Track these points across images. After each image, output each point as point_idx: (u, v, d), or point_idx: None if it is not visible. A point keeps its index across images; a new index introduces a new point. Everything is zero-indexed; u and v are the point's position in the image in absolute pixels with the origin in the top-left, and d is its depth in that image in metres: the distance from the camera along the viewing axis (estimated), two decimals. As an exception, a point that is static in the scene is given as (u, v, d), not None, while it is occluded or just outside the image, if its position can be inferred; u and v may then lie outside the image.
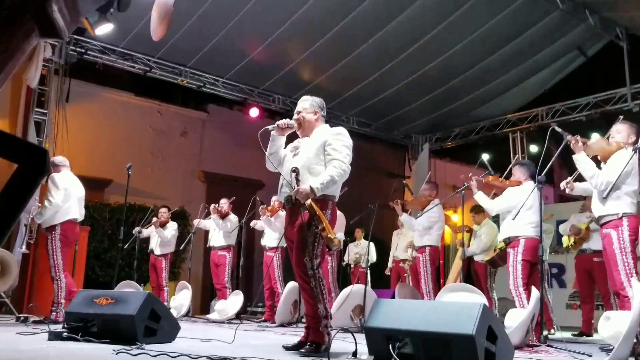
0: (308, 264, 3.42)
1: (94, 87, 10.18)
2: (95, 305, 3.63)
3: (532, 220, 4.92)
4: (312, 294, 3.41)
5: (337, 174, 3.50)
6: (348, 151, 3.64)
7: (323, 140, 3.63)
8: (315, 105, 3.85)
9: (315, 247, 3.47)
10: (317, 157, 3.61)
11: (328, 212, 3.57)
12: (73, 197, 5.83)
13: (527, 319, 4.10)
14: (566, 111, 10.08)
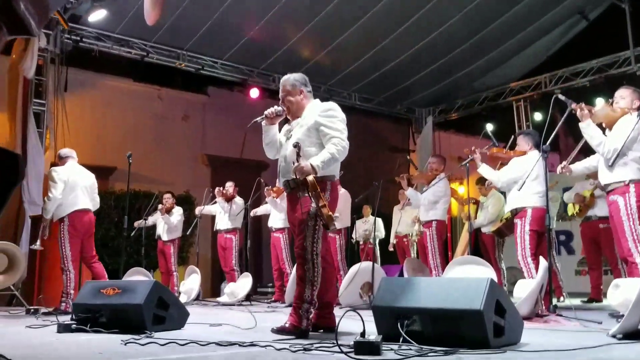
0: (309, 247, 3.38)
1: (92, 75, 10.10)
2: (102, 295, 3.64)
3: (538, 190, 4.88)
4: (304, 277, 3.37)
5: (336, 151, 3.39)
6: (343, 126, 3.54)
7: (314, 120, 3.52)
8: (297, 84, 3.69)
9: (317, 231, 3.40)
10: (309, 139, 3.50)
11: (327, 193, 3.47)
12: (78, 187, 5.83)
13: (535, 289, 4.09)
14: (570, 77, 9.95)
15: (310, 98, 3.73)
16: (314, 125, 3.50)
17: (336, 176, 3.60)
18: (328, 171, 3.48)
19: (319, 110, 3.55)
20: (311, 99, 3.73)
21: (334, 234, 7.23)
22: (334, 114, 3.54)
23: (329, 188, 3.52)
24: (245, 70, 10.15)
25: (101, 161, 9.63)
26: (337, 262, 7.17)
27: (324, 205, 3.24)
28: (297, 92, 3.67)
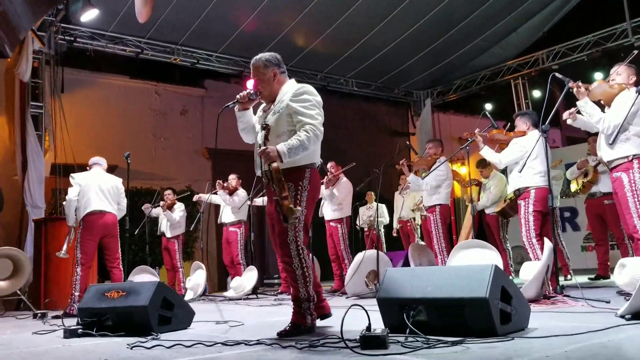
0: (292, 244, 3.19)
1: (88, 74, 10.07)
2: (107, 299, 3.63)
3: (540, 169, 4.85)
4: (295, 277, 3.21)
5: (306, 137, 3.14)
6: (318, 110, 3.26)
7: (285, 104, 3.27)
8: (268, 64, 3.38)
9: (298, 224, 3.20)
10: (281, 125, 3.27)
11: (306, 181, 3.27)
12: (92, 190, 5.85)
13: (541, 270, 4.07)
14: (567, 52, 9.87)
15: (284, 79, 3.43)
16: (287, 110, 3.26)
17: (316, 163, 3.37)
18: (306, 159, 3.26)
19: (291, 94, 3.28)
20: (286, 80, 3.44)
21: (335, 223, 7.22)
22: (307, 98, 3.26)
23: (308, 176, 3.29)
24: (241, 62, 10.10)
25: (100, 160, 9.63)
26: (341, 251, 7.17)
27: (285, 197, 3.04)
28: (270, 73, 3.37)
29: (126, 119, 10.39)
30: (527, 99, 10.67)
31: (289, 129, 3.26)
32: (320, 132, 3.23)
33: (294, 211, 3.04)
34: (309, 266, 3.27)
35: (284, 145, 3.12)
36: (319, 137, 3.23)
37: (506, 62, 11.00)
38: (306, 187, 3.27)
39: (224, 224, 7.95)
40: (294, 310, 3.26)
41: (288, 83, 3.43)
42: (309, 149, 3.21)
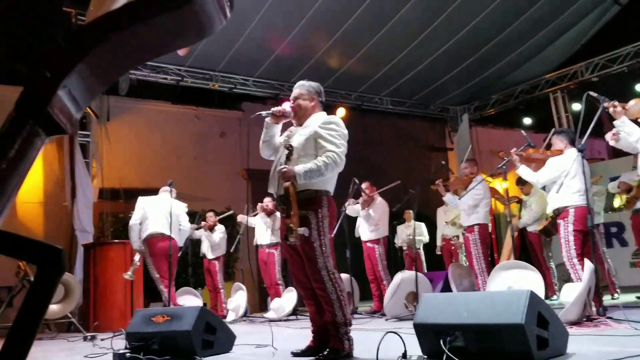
0: (323, 270, 3.27)
1: (131, 102, 10.43)
2: (152, 323, 3.78)
3: (578, 188, 4.80)
4: (329, 300, 3.25)
5: (324, 164, 3.24)
6: (342, 141, 3.38)
7: (313, 130, 3.39)
8: (312, 91, 3.58)
9: (324, 247, 3.29)
10: (305, 148, 3.37)
11: (325, 208, 3.35)
12: (153, 214, 6.30)
13: (582, 292, 4.03)
14: (606, 64, 9.71)
15: (319, 108, 3.61)
16: (313, 135, 3.39)
17: (330, 191, 3.46)
18: (320, 185, 3.36)
19: (320, 122, 3.43)
20: (319, 110, 3.61)
21: (372, 244, 7.25)
22: (335, 128, 3.40)
23: (326, 203, 3.38)
24: (277, 85, 10.31)
25: (144, 184, 9.91)
26: (379, 271, 7.18)
27: (293, 215, 3.15)
28: (310, 98, 3.57)
29: (168, 143, 10.70)
30: (567, 112, 10.52)
31: (314, 153, 3.37)
32: (341, 160, 3.33)
33: (293, 230, 3.15)
34: (343, 289, 3.34)
35: (302, 166, 3.25)
36: (338, 165, 3.33)
37: (544, 75, 10.89)
38: (326, 214, 3.37)
39: (260, 245, 8.08)
40: (331, 334, 3.30)
41: (320, 113, 3.58)
42: (325, 175, 3.31)
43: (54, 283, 0.91)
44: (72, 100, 1.02)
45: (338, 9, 8.40)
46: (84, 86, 1.02)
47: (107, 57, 1.02)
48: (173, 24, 1.04)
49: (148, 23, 1.02)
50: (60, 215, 8.09)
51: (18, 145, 0.95)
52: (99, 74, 1.04)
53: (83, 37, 1.03)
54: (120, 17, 1.03)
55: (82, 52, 0.99)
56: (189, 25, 1.08)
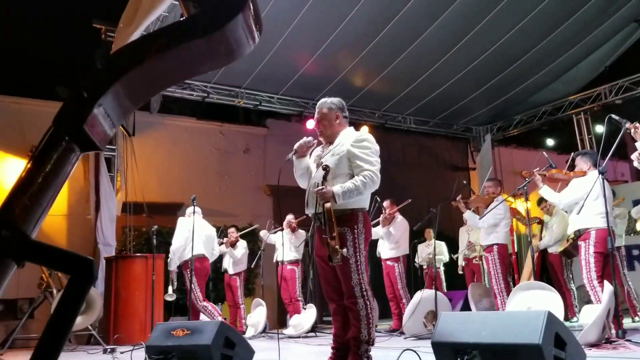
0: (357, 287, 3.30)
1: (157, 117, 10.60)
2: (172, 337, 3.83)
3: (601, 210, 4.77)
4: (358, 316, 3.29)
5: (362, 183, 3.28)
6: (376, 158, 3.42)
7: (346, 150, 3.40)
8: (334, 108, 3.58)
9: (360, 265, 3.32)
10: (339, 167, 3.40)
11: (360, 224, 3.38)
12: (198, 235, 6.62)
13: (602, 314, 4.00)
14: (630, 87, 9.64)
15: (345, 124, 3.62)
16: (347, 154, 3.40)
17: (366, 208, 3.48)
18: (356, 203, 3.38)
19: (352, 140, 3.44)
20: (346, 126, 3.62)
21: (392, 262, 7.25)
22: (368, 145, 3.42)
23: (362, 219, 3.41)
24: (301, 103, 10.42)
25: (168, 198, 10.09)
26: (398, 290, 7.18)
27: (334, 237, 3.18)
28: (333, 116, 3.57)
29: (192, 158, 10.86)
30: (591, 134, 10.44)
31: (348, 172, 3.39)
32: (377, 178, 3.36)
33: (338, 252, 3.16)
34: (373, 308, 3.37)
35: (340, 187, 3.27)
36: (375, 183, 3.35)
37: (568, 97, 10.83)
38: (362, 231, 3.38)
39: (281, 262, 8.13)
40: (352, 350, 3.32)
41: (348, 129, 3.61)
42: (364, 194, 3.37)
43: (84, 292, 0.98)
44: (107, 118, 1.10)
45: (363, 29, 8.49)
46: (119, 105, 1.09)
47: (142, 78, 1.09)
48: (204, 49, 1.11)
49: (181, 48, 1.10)
50: (84, 228, 8.25)
51: (54, 160, 1.02)
52: (133, 94, 1.12)
53: (120, 60, 1.10)
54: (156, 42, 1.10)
55: (118, 73, 1.06)
56: (219, 49, 1.15)
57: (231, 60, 1.30)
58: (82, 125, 1.06)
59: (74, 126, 1.06)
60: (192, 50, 1.13)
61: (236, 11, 1.07)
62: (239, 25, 1.12)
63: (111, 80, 1.08)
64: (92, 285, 3.77)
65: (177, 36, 1.12)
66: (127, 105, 1.16)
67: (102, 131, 1.12)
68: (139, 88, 1.15)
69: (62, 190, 4.67)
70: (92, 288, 6.66)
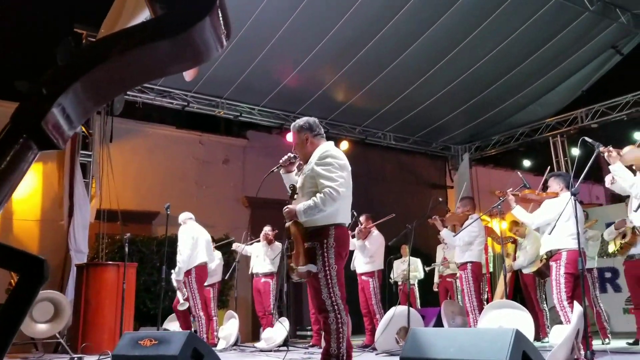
0: (327, 300, 3.33)
1: (136, 124, 10.55)
2: (140, 347, 3.77)
3: (572, 231, 4.81)
4: (329, 330, 3.31)
5: (321, 200, 3.33)
6: (339, 172, 3.45)
7: (311, 168, 3.50)
8: (303, 129, 3.65)
9: (330, 279, 3.34)
10: (304, 187, 3.51)
11: (331, 239, 3.39)
12: (200, 243, 6.69)
13: (570, 335, 4.03)
14: (606, 111, 9.84)
15: (317, 142, 3.65)
16: (311, 173, 3.50)
17: (339, 222, 3.48)
18: (328, 219, 3.41)
19: (316, 158, 3.52)
20: (321, 142, 3.65)
21: (367, 277, 7.23)
22: (330, 162, 3.47)
23: (333, 234, 3.42)
24: (282, 115, 10.42)
25: (144, 206, 9.99)
26: (372, 305, 7.16)
27: (295, 254, 3.29)
28: (303, 137, 3.64)
29: (170, 167, 10.77)
30: (566, 156, 10.62)
31: (313, 190, 3.45)
32: (337, 193, 3.37)
33: (293, 269, 3.29)
34: (345, 322, 3.37)
35: (302, 205, 3.38)
36: (335, 199, 3.37)
37: (545, 119, 11.03)
38: (332, 245, 3.40)
39: (256, 274, 8.08)
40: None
41: (322, 146, 3.62)
42: (325, 210, 3.38)
43: (33, 292, 0.95)
44: (66, 118, 1.08)
45: (346, 44, 8.56)
46: (79, 105, 1.08)
47: (104, 78, 1.08)
48: (170, 50, 1.10)
49: (145, 48, 1.08)
50: (56, 234, 8.12)
51: (10, 157, 1.00)
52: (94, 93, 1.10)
53: (81, 58, 1.09)
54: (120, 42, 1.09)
55: (79, 72, 1.05)
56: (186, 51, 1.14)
57: (198, 63, 1.29)
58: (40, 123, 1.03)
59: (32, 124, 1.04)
60: (157, 51, 1.12)
61: (203, 14, 1.07)
62: (206, 28, 1.11)
63: (72, 78, 1.07)
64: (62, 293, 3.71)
65: (142, 36, 1.11)
66: (89, 105, 1.14)
67: (60, 130, 1.10)
68: (102, 87, 1.13)
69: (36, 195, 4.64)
70: (61, 295, 6.55)
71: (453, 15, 8.13)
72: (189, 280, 6.55)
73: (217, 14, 1.10)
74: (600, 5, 8.21)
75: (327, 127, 10.06)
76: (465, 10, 8.05)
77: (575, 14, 8.39)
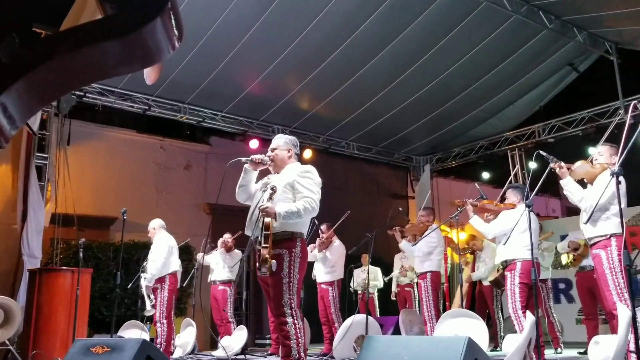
0: (286, 306, 3.44)
1: (95, 127, 10.34)
2: (91, 354, 3.68)
3: (527, 242, 4.91)
4: (288, 336, 3.41)
5: (303, 208, 3.51)
6: (318, 189, 3.68)
7: (292, 179, 3.67)
8: (289, 143, 3.90)
9: (292, 286, 3.48)
10: (284, 194, 3.63)
11: (298, 249, 3.57)
12: (175, 251, 6.69)
13: (523, 344, 4.11)
14: (562, 127, 10.13)
15: (294, 160, 3.91)
16: (292, 183, 3.66)
17: (304, 234, 3.71)
18: (296, 227, 3.61)
19: (298, 171, 3.73)
20: (295, 161, 3.91)
21: (327, 286, 7.25)
22: (311, 176, 3.70)
23: (299, 244, 3.61)
24: (246, 122, 10.37)
25: (102, 212, 9.77)
26: (331, 314, 7.17)
27: (266, 247, 3.38)
28: (287, 150, 3.87)
29: (130, 172, 10.58)
30: (524, 169, 10.87)
31: (291, 198, 3.62)
32: (317, 206, 3.60)
33: (268, 261, 3.36)
34: (302, 328, 3.48)
35: (283, 207, 3.50)
36: (314, 210, 3.59)
37: (504, 133, 11.29)
38: (299, 255, 3.58)
39: (214, 282, 8.00)
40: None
41: (295, 163, 3.89)
42: (302, 218, 3.59)
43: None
44: (8, 117, 1.05)
45: (311, 53, 8.60)
46: (22, 103, 1.05)
47: (50, 77, 1.05)
48: (119, 50, 1.09)
49: (94, 47, 1.06)
50: (8, 238, 7.84)
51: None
52: (39, 92, 1.08)
53: (27, 55, 1.06)
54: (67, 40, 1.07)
55: (24, 69, 1.02)
56: (135, 52, 1.13)
57: (149, 64, 1.28)
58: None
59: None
60: (106, 51, 1.10)
61: (154, 14, 1.06)
62: (157, 29, 1.11)
63: (15, 76, 1.04)
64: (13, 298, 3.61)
65: (90, 36, 1.09)
66: (33, 103, 1.12)
67: (2, 129, 1.07)
68: (47, 86, 1.11)
69: (-12, 197, 4.39)
70: (12, 301, 6.35)
71: (416, 28, 8.28)
72: (162, 287, 6.49)
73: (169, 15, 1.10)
74: (559, 24, 8.47)
75: (292, 134, 10.06)
76: (429, 23, 8.21)
77: (534, 31, 8.64)
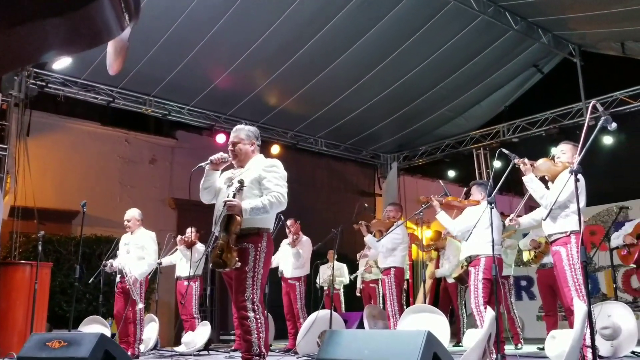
0: (248, 301, 3.40)
1: (58, 119, 10.08)
2: (48, 349, 3.59)
3: (490, 238, 4.99)
4: (249, 330, 3.37)
5: (269, 202, 3.47)
6: (284, 182, 3.64)
7: (258, 174, 3.61)
8: (251, 135, 3.80)
9: (256, 281, 3.45)
10: (250, 191, 3.57)
11: (264, 243, 3.54)
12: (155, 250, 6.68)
13: (482, 339, 4.16)
14: (526, 127, 10.31)
15: (257, 152, 3.83)
16: (258, 178, 3.59)
17: (270, 229, 3.67)
18: (263, 223, 3.57)
19: (263, 165, 3.66)
20: (258, 154, 3.83)
21: (294, 281, 7.24)
22: (277, 171, 3.65)
23: (266, 239, 3.58)
24: (213, 116, 10.26)
25: (63, 205, 9.54)
26: (297, 309, 7.17)
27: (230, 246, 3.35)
28: (250, 142, 3.78)
29: (93, 165, 10.36)
30: (489, 168, 11.03)
31: (258, 194, 3.57)
32: (284, 200, 3.56)
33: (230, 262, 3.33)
34: (263, 323, 3.45)
35: (248, 203, 3.44)
36: (282, 204, 3.55)
37: (469, 132, 11.44)
38: (264, 250, 3.54)
39: (179, 277, 7.91)
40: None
41: (259, 156, 3.81)
42: (269, 213, 3.55)
43: None
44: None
45: (279, 48, 8.55)
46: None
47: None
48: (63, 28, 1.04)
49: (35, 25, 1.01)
50: (-35, 231, 7.63)
51: None
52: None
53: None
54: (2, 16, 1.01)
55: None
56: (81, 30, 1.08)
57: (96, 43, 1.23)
58: None
59: None
60: (48, 27, 1.05)
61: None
62: (105, 7, 1.06)
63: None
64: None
65: (32, 11, 1.04)
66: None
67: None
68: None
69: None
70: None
71: (385, 26, 8.31)
72: (136, 286, 6.43)
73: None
74: (524, 25, 8.61)
75: (260, 130, 9.99)
76: (397, 21, 8.24)
77: (500, 32, 8.77)
